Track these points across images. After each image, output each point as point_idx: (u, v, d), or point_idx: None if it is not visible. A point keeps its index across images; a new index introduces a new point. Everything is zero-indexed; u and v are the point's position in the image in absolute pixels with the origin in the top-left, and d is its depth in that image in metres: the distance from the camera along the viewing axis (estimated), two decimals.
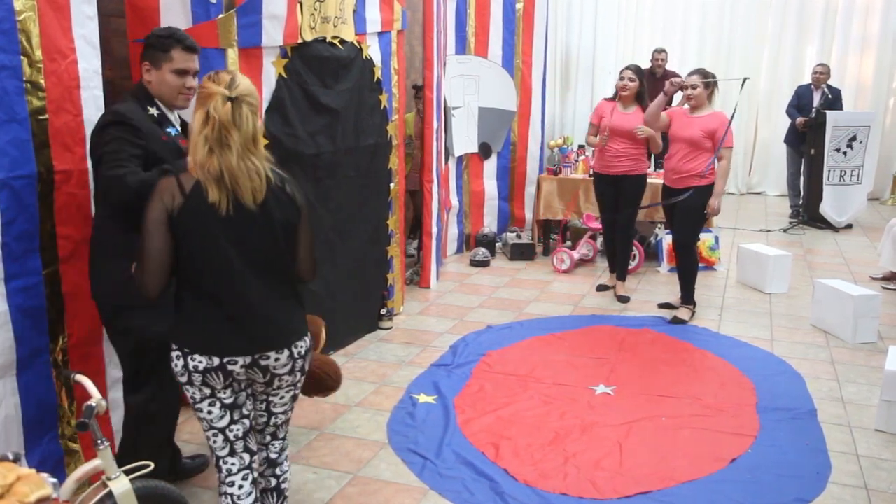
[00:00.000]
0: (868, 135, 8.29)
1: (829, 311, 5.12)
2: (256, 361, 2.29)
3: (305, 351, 2.39)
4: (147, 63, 2.75)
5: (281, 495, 2.57)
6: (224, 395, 2.31)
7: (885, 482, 3.28)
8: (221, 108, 2.15)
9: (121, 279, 2.52)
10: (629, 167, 5.63)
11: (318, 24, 4.13)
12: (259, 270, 2.27)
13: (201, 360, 2.23)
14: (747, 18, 10.48)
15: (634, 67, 5.67)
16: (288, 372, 2.36)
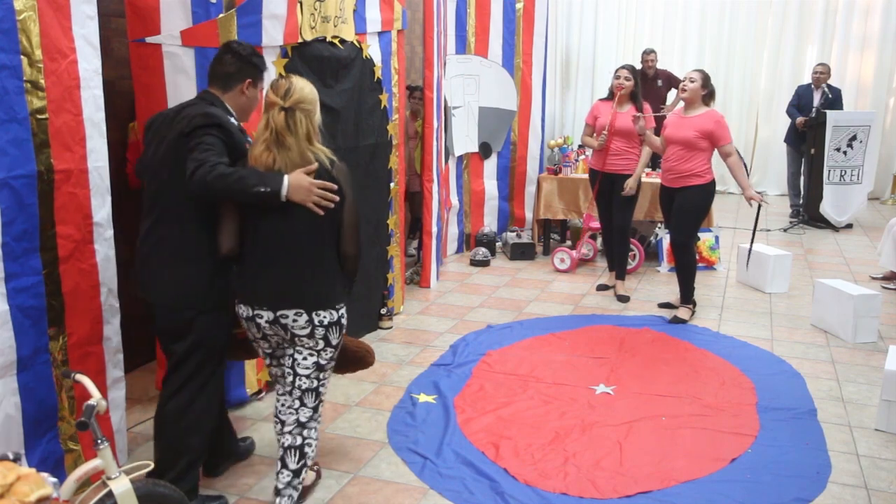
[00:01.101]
0: (868, 134, 8.29)
1: (829, 311, 5.12)
2: (278, 319, 2.73)
3: (329, 322, 2.76)
4: (250, 80, 2.92)
5: (303, 457, 2.88)
6: (263, 345, 2.88)
7: (886, 482, 3.28)
8: (277, 116, 2.67)
9: (203, 283, 2.79)
10: (624, 166, 5.65)
11: (318, 23, 4.13)
12: (297, 243, 2.71)
13: (243, 309, 2.79)
14: (747, 18, 10.49)
15: (630, 67, 5.70)
16: (307, 335, 2.75)
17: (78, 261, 2.93)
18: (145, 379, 4.15)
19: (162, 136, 2.82)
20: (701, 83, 5.10)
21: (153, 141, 2.86)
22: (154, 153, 2.83)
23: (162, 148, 2.79)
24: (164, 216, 2.80)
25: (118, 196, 3.24)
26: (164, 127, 2.83)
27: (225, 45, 2.98)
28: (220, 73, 2.90)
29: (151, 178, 2.84)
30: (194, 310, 2.79)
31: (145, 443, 3.55)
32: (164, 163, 2.77)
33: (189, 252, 2.79)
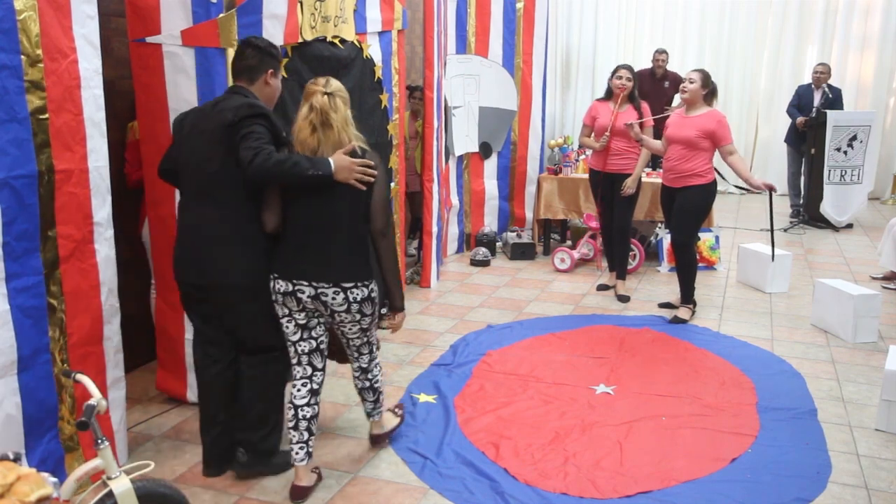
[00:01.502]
0: (868, 134, 8.29)
1: (829, 311, 5.12)
2: (318, 296, 2.95)
3: (361, 298, 3.00)
4: (272, 70, 3.13)
5: (375, 392, 3.36)
6: (299, 316, 3.03)
7: (886, 482, 3.28)
8: (321, 99, 2.93)
9: (259, 263, 3.01)
10: (625, 165, 5.65)
11: (318, 23, 4.13)
12: (336, 222, 2.95)
13: (282, 284, 2.96)
14: (748, 18, 10.49)
15: (629, 67, 5.72)
16: (345, 311, 3.00)
17: (78, 261, 2.93)
18: (145, 379, 4.15)
19: (200, 129, 3.00)
20: (701, 83, 5.10)
21: (190, 135, 3.04)
22: (195, 146, 3.01)
23: (204, 140, 2.98)
24: (217, 203, 3.00)
25: (118, 196, 3.24)
26: (200, 121, 3.02)
27: (244, 41, 3.18)
28: (243, 67, 3.10)
29: (195, 169, 3.02)
30: (257, 289, 3.03)
31: (145, 442, 3.55)
32: (212, 154, 2.96)
33: (245, 234, 3.01)
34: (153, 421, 3.76)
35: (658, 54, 8.74)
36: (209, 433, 3.24)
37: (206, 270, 3.02)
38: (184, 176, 3.10)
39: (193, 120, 3.06)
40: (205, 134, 2.98)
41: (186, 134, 3.07)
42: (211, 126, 2.96)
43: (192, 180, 3.06)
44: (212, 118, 2.97)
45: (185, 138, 3.07)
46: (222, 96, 3.12)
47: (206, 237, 3.01)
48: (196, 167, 3.02)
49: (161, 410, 3.87)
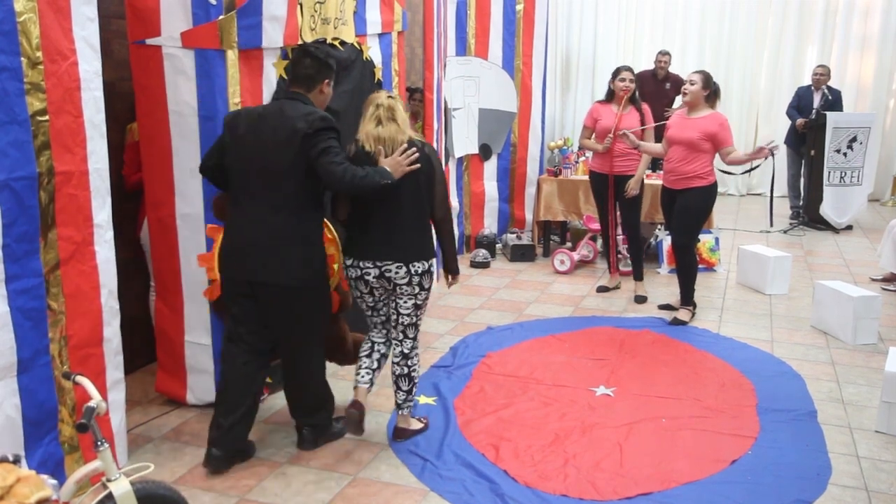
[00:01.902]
0: (868, 136, 8.30)
1: (829, 313, 5.12)
2: (383, 273, 3.35)
3: (422, 272, 3.39)
4: (328, 80, 3.36)
5: (411, 381, 3.57)
6: (369, 299, 3.49)
7: (886, 483, 3.28)
8: (386, 99, 3.42)
9: (320, 262, 3.31)
10: (628, 167, 5.65)
11: (318, 25, 4.13)
12: (397, 211, 3.32)
13: (352, 270, 3.39)
14: (747, 19, 10.49)
15: (631, 69, 5.72)
16: (406, 283, 3.38)
17: (79, 262, 2.93)
18: (145, 381, 4.15)
19: (267, 133, 3.17)
20: (702, 85, 5.09)
21: (252, 137, 3.19)
22: (259, 148, 3.17)
23: (271, 143, 3.15)
24: (281, 204, 3.18)
25: (116, 198, 3.24)
26: (264, 125, 3.19)
27: (302, 49, 3.39)
28: (302, 75, 3.29)
29: (258, 170, 3.18)
30: (310, 288, 3.28)
31: (145, 444, 3.55)
32: (279, 157, 3.15)
33: (308, 235, 3.26)
34: (153, 423, 3.76)
35: (661, 56, 8.74)
36: (226, 421, 3.29)
37: (261, 269, 3.19)
38: (239, 175, 3.24)
39: (252, 122, 3.21)
40: (273, 138, 3.15)
41: (242, 135, 3.20)
42: (282, 131, 3.13)
43: (252, 180, 3.20)
44: (281, 123, 3.14)
45: (243, 139, 3.20)
46: (282, 101, 3.27)
47: (266, 236, 3.18)
48: (259, 168, 3.18)
49: (161, 412, 3.87)
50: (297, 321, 3.33)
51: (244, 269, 3.22)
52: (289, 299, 3.25)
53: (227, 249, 3.27)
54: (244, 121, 3.24)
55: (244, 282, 3.24)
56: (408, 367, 3.54)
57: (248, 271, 3.22)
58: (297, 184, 3.18)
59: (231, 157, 3.26)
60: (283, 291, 3.22)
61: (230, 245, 3.26)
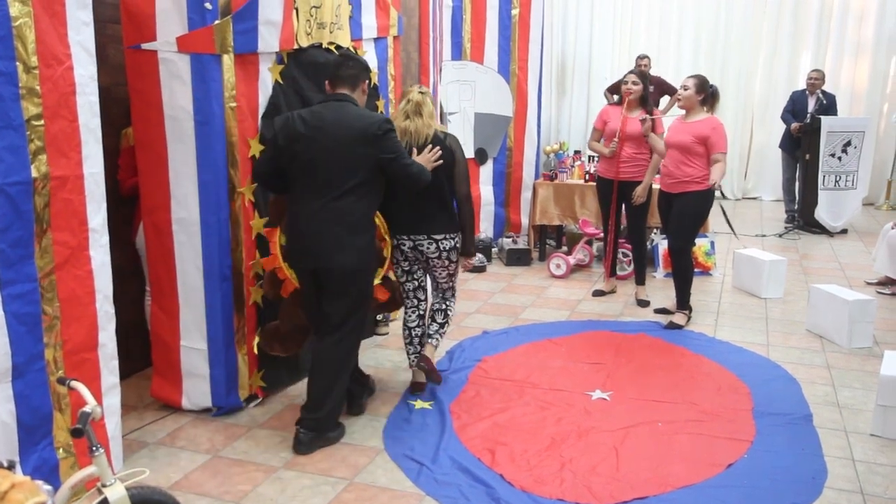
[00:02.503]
0: (862, 140, 8.33)
1: (824, 316, 5.13)
2: (416, 246, 3.94)
3: (450, 247, 3.97)
4: (367, 81, 3.67)
5: (445, 315, 4.22)
6: (404, 265, 4.07)
7: (881, 487, 3.28)
8: (416, 95, 3.94)
9: (373, 248, 3.64)
10: (636, 173, 5.63)
11: (314, 29, 4.14)
12: (425, 193, 3.78)
13: (392, 239, 3.98)
14: (742, 24, 10.53)
15: (637, 72, 5.70)
16: (437, 257, 3.98)
17: (74, 267, 2.92)
18: (140, 385, 4.13)
19: (335, 131, 3.44)
20: (695, 89, 5.11)
21: (313, 135, 3.44)
22: (326, 146, 3.43)
23: (341, 141, 3.43)
24: (342, 195, 3.45)
25: (112, 202, 3.24)
26: (330, 124, 3.45)
27: (343, 54, 3.92)
28: (346, 76, 3.58)
29: (325, 165, 3.44)
30: (365, 270, 3.58)
31: (140, 449, 3.54)
32: (348, 153, 3.44)
33: (364, 223, 3.53)
34: (148, 428, 3.75)
35: (640, 60, 8.78)
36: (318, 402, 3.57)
37: (327, 255, 3.46)
38: (303, 171, 3.47)
39: (316, 122, 3.46)
40: (343, 136, 3.44)
41: (306, 134, 3.45)
42: (351, 131, 3.45)
43: (318, 174, 3.45)
44: (349, 123, 3.46)
45: (307, 138, 3.44)
46: (337, 103, 3.52)
47: (330, 225, 3.45)
48: (326, 163, 3.44)
49: (156, 417, 3.86)
50: (348, 304, 3.56)
51: (311, 257, 3.49)
52: (345, 282, 3.52)
53: (296, 242, 3.54)
54: (302, 122, 3.47)
55: (311, 270, 3.52)
56: (446, 304, 4.22)
57: (314, 259, 3.48)
58: (361, 178, 3.47)
59: (290, 157, 3.48)
60: (342, 275, 3.49)
61: (297, 237, 3.52)
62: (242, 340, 3.92)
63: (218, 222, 3.70)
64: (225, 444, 3.61)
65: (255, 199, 3.89)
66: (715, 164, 5.05)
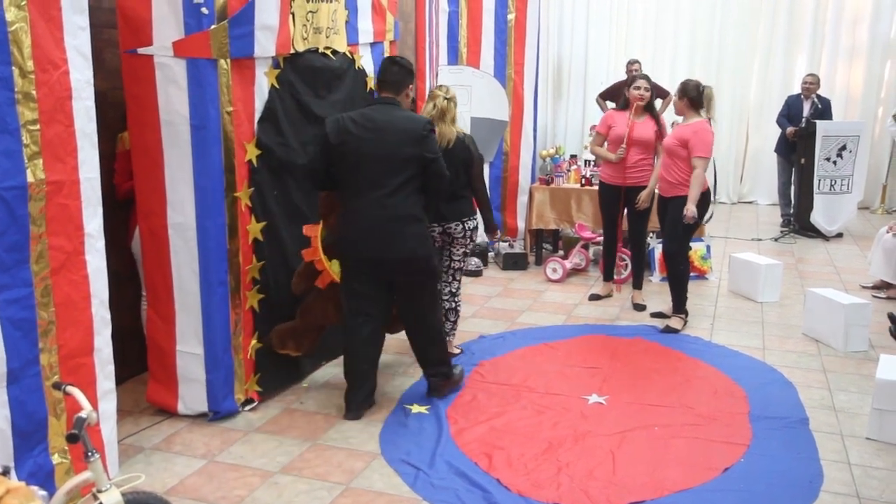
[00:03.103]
0: (857, 144, 8.35)
1: (820, 320, 5.13)
2: (445, 230, 4.47)
3: (471, 228, 4.53)
4: (411, 85, 3.97)
5: (457, 314, 4.70)
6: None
7: (877, 490, 3.29)
8: (442, 101, 4.28)
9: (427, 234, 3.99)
10: (642, 178, 5.63)
11: (310, 34, 4.14)
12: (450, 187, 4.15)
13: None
14: (737, 29, 10.55)
15: (647, 77, 5.71)
16: (462, 236, 4.51)
17: (69, 272, 2.92)
18: (136, 391, 4.12)
19: (388, 131, 3.73)
20: (678, 95, 5.18)
21: (366, 135, 3.72)
22: (381, 144, 3.72)
23: (394, 140, 3.73)
24: (398, 190, 3.75)
25: (107, 207, 3.23)
26: (383, 125, 3.74)
27: (389, 59, 4.03)
28: (392, 81, 3.88)
29: (378, 162, 3.72)
30: (428, 254, 3.94)
31: (136, 455, 3.53)
32: (399, 151, 3.74)
33: (418, 215, 3.85)
34: (144, 433, 3.74)
35: (630, 65, 8.81)
36: (358, 382, 3.95)
37: (389, 245, 3.77)
38: (357, 169, 3.75)
39: (368, 124, 3.75)
40: (395, 135, 3.74)
41: (359, 135, 3.73)
42: (402, 131, 3.75)
43: (373, 171, 3.74)
44: (399, 125, 3.77)
45: (360, 139, 3.72)
46: (383, 106, 3.83)
47: (388, 218, 3.75)
48: (380, 161, 3.73)
49: (152, 422, 3.85)
50: (419, 288, 3.95)
51: (371, 248, 3.77)
52: (409, 270, 3.88)
53: (352, 234, 3.81)
54: (353, 124, 3.75)
55: (370, 260, 3.80)
56: (455, 302, 4.65)
57: (374, 250, 3.77)
58: (411, 173, 3.77)
59: (340, 156, 3.76)
60: (406, 264, 3.84)
61: (355, 230, 3.80)
62: (239, 345, 3.91)
63: (214, 227, 3.70)
64: (221, 448, 3.61)
65: (252, 204, 3.89)
66: (693, 175, 5.00)
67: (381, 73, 3.94)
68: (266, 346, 4.07)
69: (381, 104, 3.85)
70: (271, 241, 4.05)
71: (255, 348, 4.01)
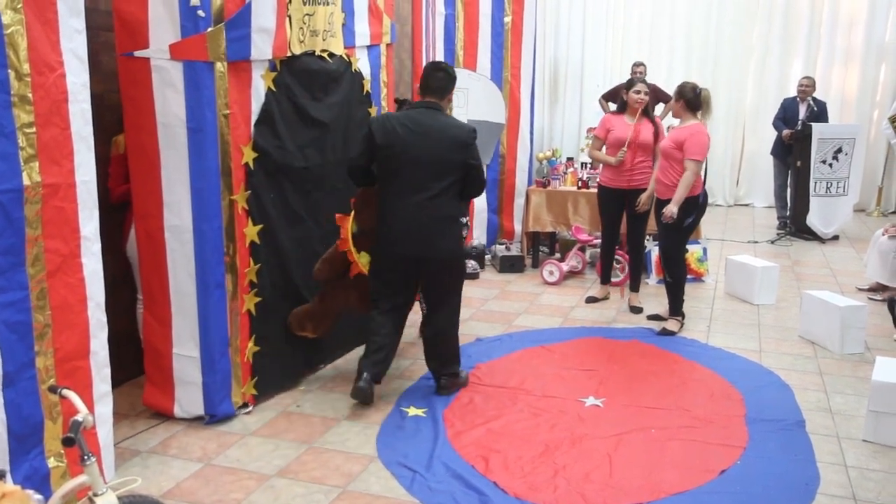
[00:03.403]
0: (853, 147, 8.37)
1: (816, 322, 5.14)
2: None
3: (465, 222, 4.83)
4: (452, 94, 4.15)
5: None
6: None
7: (873, 492, 3.29)
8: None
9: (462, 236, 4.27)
10: (644, 180, 5.63)
11: (307, 37, 4.14)
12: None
13: None
14: (733, 32, 10.57)
15: (645, 80, 5.75)
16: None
17: (65, 275, 2.91)
18: (132, 394, 4.11)
19: (433, 135, 3.91)
20: (674, 98, 5.19)
21: (412, 138, 3.89)
22: (426, 147, 3.89)
23: (440, 144, 3.91)
24: (441, 193, 3.93)
25: (104, 210, 3.23)
26: (430, 129, 3.92)
27: (434, 64, 4.20)
28: (436, 87, 4.03)
29: (424, 165, 3.90)
30: (463, 254, 4.19)
31: (132, 458, 3.52)
32: (444, 155, 3.92)
33: (458, 216, 4.09)
34: (140, 436, 3.73)
35: (635, 66, 8.81)
36: (376, 354, 4.06)
37: (428, 245, 3.95)
38: (401, 171, 3.91)
39: (415, 127, 3.92)
40: (440, 140, 3.91)
41: (403, 137, 3.89)
42: (447, 137, 3.93)
43: (417, 173, 3.91)
44: (445, 131, 3.95)
45: (405, 140, 3.89)
46: (429, 111, 4.00)
47: (432, 218, 3.93)
48: (426, 165, 3.90)
49: (148, 426, 3.84)
50: (448, 286, 4.15)
51: (412, 248, 3.95)
52: (446, 269, 4.08)
53: (393, 234, 3.96)
54: (400, 125, 3.92)
55: (409, 258, 3.97)
56: None
57: (415, 249, 3.94)
58: (454, 178, 3.96)
59: (385, 156, 3.93)
60: (443, 263, 4.04)
61: (395, 230, 3.95)
62: (237, 348, 3.90)
63: (211, 230, 3.69)
64: (217, 452, 3.60)
65: (249, 207, 3.89)
66: (683, 176, 5.02)
67: (425, 78, 4.06)
68: (286, 330, 4.27)
69: (426, 108, 4.01)
70: (268, 245, 4.05)
71: (252, 351, 4.01)
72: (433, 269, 4.05)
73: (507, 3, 7.33)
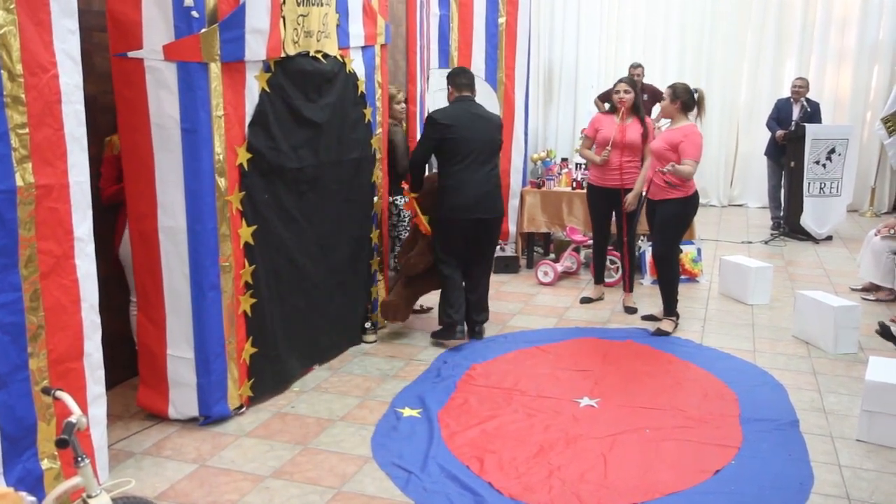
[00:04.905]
0: (847, 148, 8.40)
1: (810, 322, 5.16)
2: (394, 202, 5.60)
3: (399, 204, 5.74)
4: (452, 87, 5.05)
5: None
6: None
7: (867, 492, 3.30)
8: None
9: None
10: (629, 180, 5.65)
11: (301, 38, 4.14)
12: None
13: None
14: (727, 33, 10.60)
15: (628, 80, 5.75)
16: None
17: (59, 276, 2.90)
18: (126, 395, 4.11)
19: (484, 122, 4.96)
20: (669, 99, 5.19)
21: (472, 127, 4.87)
22: (484, 131, 4.93)
23: (491, 129, 5.01)
24: (496, 165, 5.06)
25: (97, 211, 3.22)
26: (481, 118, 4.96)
27: (462, 69, 5.17)
28: (467, 84, 5.02)
29: (484, 145, 4.91)
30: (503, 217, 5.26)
31: (126, 460, 3.51)
32: (493, 138, 5.03)
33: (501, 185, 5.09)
34: (134, 438, 3.73)
35: (633, 69, 8.82)
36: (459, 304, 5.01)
37: (493, 207, 4.98)
38: (467, 150, 4.83)
39: (474, 119, 4.90)
40: (488, 127, 4.98)
41: (468, 126, 4.84)
42: (492, 125, 5.04)
43: (479, 153, 4.88)
44: (490, 116, 5.08)
45: (468, 129, 4.83)
46: (474, 103, 5.01)
47: (495, 185, 5.00)
48: (484, 144, 4.91)
49: (142, 427, 3.83)
50: (495, 241, 5.24)
51: (483, 209, 4.90)
52: (499, 226, 5.11)
53: (467, 199, 4.83)
54: (463, 118, 4.86)
55: (479, 219, 4.90)
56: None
57: (484, 210, 4.91)
58: (497, 154, 5.10)
59: (454, 140, 4.81)
60: (498, 221, 5.07)
61: (468, 196, 4.84)
62: (233, 350, 3.90)
63: (205, 231, 3.69)
64: (212, 453, 3.59)
65: (243, 208, 3.88)
66: (682, 169, 5.04)
67: (458, 77, 5.02)
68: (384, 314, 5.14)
69: (470, 101, 4.98)
70: (262, 245, 4.04)
71: (249, 353, 4.00)
72: (493, 227, 5.03)
73: (502, 4, 7.32)
